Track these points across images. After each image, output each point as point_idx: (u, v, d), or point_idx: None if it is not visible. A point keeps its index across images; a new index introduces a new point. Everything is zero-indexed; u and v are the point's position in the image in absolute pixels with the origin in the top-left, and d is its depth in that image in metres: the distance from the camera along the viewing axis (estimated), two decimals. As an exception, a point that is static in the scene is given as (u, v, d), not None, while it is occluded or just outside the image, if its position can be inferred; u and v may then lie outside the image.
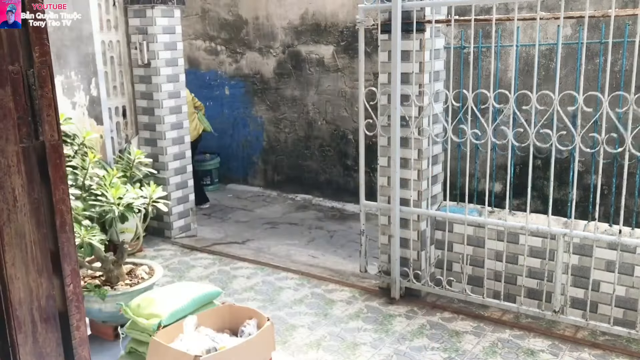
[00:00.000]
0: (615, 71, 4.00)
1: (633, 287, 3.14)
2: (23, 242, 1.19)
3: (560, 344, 3.13)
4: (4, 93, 1.15)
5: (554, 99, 3.02)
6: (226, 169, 6.81)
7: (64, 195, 1.26)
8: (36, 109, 1.20)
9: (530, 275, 3.46)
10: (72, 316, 1.27)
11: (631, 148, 2.86)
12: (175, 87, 4.75)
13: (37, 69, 1.19)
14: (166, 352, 2.49)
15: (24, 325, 1.20)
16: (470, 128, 3.32)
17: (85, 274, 3.38)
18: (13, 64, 1.17)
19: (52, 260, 1.25)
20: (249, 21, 6.30)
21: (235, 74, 6.53)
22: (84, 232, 2.97)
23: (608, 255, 3.18)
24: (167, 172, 4.76)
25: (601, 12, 3.11)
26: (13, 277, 1.17)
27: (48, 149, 1.22)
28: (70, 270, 1.27)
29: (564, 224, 3.30)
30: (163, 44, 4.60)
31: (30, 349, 1.21)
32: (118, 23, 4.61)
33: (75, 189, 3.19)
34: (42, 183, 1.23)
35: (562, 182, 4.38)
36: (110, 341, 3.19)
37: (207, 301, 2.94)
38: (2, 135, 1.15)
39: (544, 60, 4.43)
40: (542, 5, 3.20)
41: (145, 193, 3.26)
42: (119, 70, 4.66)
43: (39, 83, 1.20)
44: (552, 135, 3.06)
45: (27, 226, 1.19)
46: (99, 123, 4.49)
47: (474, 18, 3.22)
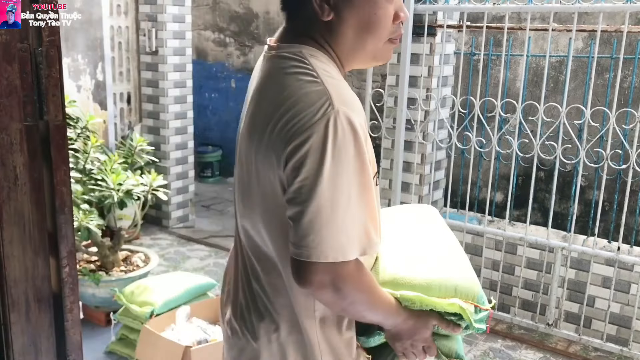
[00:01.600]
0: (625, 87, 3.99)
1: (628, 304, 3.14)
2: (22, 221, 1.18)
3: (552, 357, 3.13)
4: (11, 70, 1.14)
5: (561, 111, 3.01)
6: (228, 162, 6.80)
7: (65, 177, 1.25)
8: (42, 89, 1.19)
9: (525, 287, 3.45)
10: (66, 298, 1.26)
11: (635, 165, 2.85)
12: (182, 76, 4.73)
13: (46, 48, 1.19)
14: (157, 341, 2.49)
15: (18, 304, 1.19)
16: (475, 136, 3.31)
17: (81, 258, 3.37)
18: (22, 41, 1.16)
19: (50, 241, 1.24)
20: (259, 15, 6.28)
21: (243, 67, 6.52)
22: (82, 216, 2.97)
23: (605, 272, 3.17)
24: (168, 161, 4.75)
25: (614, 27, 3.10)
26: (10, 255, 1.17)
27: (52, 129, 1.21)
28: (67, 252, 1.26)
29: (563, 238, 3.29)
30: (172, 33, 4.59)
31: (22, 328, 1.21)
32: (128, 9, 4.60)
33: (76, 172, 3.18)
34: (44, 163, 1.22)
35: (564, 196, 4.37)
36: (102, 327, 3.18)
37: (202, 292, 2.93)
38: (7, 112, 1.14)
39: (554, 72, 4.42)
40: (554, 16, 3.19)
41: (146, 181, 3.26)
42: (126, 56, 4.65)
43: (47, 62, 1.19)
44: (557, 148, 3.05)
45: (27, 205, 1.19)
46: (103, 108, 4.48)
47: (486, 25, 3.21)
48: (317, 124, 0.97)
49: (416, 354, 1.20)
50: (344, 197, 0.98)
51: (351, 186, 0.99)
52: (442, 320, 1.17)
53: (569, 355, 3.14)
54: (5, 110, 1.14)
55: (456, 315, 1.18)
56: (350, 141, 0.98)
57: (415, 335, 1.17)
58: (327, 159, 0.96)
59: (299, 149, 0.97)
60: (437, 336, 1.23)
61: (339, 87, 1.03)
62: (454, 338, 1.25)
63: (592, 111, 2.97)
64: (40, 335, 1.25)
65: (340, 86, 1.03)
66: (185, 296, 2.84)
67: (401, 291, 1.17)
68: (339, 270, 1.01)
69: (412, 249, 1.27)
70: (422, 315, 1.16)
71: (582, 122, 3.01)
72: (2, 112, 1.14)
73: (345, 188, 0.98)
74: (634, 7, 2.76)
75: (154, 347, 2.50)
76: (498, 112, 3.18)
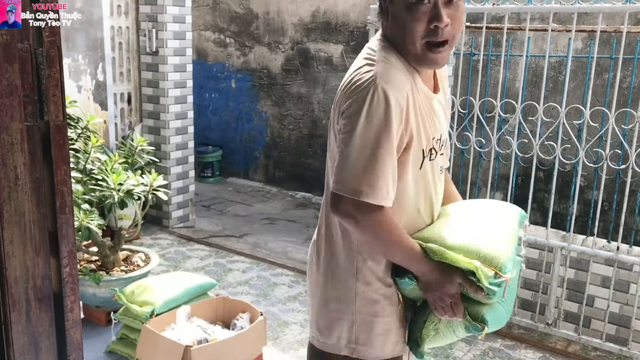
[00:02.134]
0: (624, 87, 4.00)
1: (627, 304, 3.14)
2: (22, 221, 1.19)
3: (552, 356, 3.13)
4: (12, 70, 1.14)
5: (560, 111, 3.01)
6: (228, 162, 6.81)
7: (66, 177, 1.26)
8: (43, 89, 1.19)
9: (525, 287, 3.45)
10: (66, 297, 1.27)
11: (635, 165, 2.86)
12: (182, 76, 4.74)
13: (46, 48, 1.19)
14: (157, 341, 2.49)
15: (18, 304, 1.20)
16: (474, 136, 3.32)
17: (82, 258, 3.38)
18: (23, 42, 1.17)
19: (50, 241, 1.24)
20: (259, 15, 6.29)
21: (243, 67, 6.52)
22: (83, 216, 2.97)
23: (604, 271, 3.17)
24: (168, 161, 4.76)
25: (613, 28, 3.11)
26: (10, 254, 1.17)
27: (52, 129, 1.22)
28: (68, 252, 1.27)
29: (562, 237, 3.29)
30: (172, 33, 4.60)
31: (23, 328, 1.21)
32: (128, 9, 4.60)
33: (76, 172, 3.18)
34: (45, 163, 1.23)
35: (563, 196, 4.37)
36: (103, 326, 3.18)
37: (202, 292, 2.93)
38: (8, 112, 1.15)
39: (553, 72, 4.42)
40: (554, 17, 3.20)
41: (146, 181, 3.26)
42: (126, 56, 4.66)
43: (47, 63, 1.19)
44: (556, 148, 3.05)
45: (27, 205, 1.19)
46: (103, 108, 4.49)
47: (486, 25, 3.21)
48: (361, 92, 1.27)
49: (445, 308, 1.37)
50: (367, 150, 1.26)
51: (374, 144, 1.26)
52: (465, 279, 1.33)
53: (569, 354, 3.14)
54: (6, 110, 1.15)
55: (476, 277, 1.31)
56: (382, 109, 1.26)
57: (442, 289, 1.35)
58: (362, 119, 1.26)
59: (347, 109, 1.29)
60: (466, 298, 1.37)
61: (389, 69, 1.31)
62: (483, 304, 1.38)
63: (591, 111, 2.97)
64: (40, 334, 1.26)
65: (390, 68, 1.31)
66: (185, 296, 2.84)
67: (428, 243, 1.37)
68: (360, 207, 1.28)
69: (466, 224, 1.47)
70: (447, 270, 1.34)
71: (581, 122, 3.02)
72: (3, 112, 1.14)
73: (369, 144, 1.26)
74: (633, 7, 2.76)
75: (154, 347, 2.50)
76: (497, 112, 3.18)
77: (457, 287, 1.35)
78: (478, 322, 1.37)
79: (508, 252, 1.37)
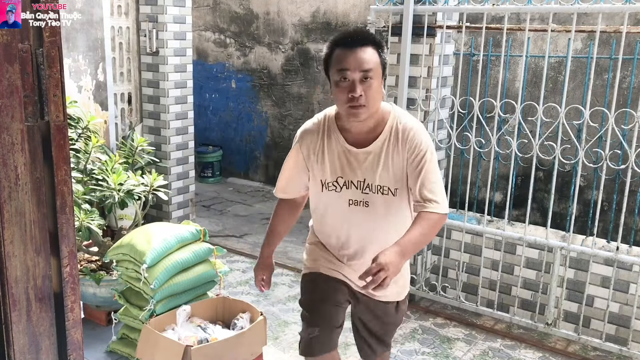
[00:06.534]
0: (624, 88, 4.00)
1: (627, 304, 3.14)
2: (23, 221, 1.19)
3: (551, 356, 3.13)
4: (12, 70, 1.15)
5: (560, 111, 3.02)
6: (228, 162, 6.81)
7: (66, 177, 1.26)
8: (43, 89, 1.20)
9: (525, 287, 3.46)
10: (66, 297, 1.27)
11: (634, 165, 2.86)
12: (182, 77, 4.74)
13: (47, 48, 1.20)
14: (157, 340, 2.50)
15: (19, 304, 1.20)
16: (474, 136, 3.32)
17: (82, 258, 3.38)
18: (23, 42, 1.17)
19: (51, 241, 1.25)
20: (259, 16, 6.29)
21: (243, 67, 6.53)
22: (83, 216, 2.98)
23: (604, 271, 3.18)
24: (169, 161, 4.76)
25: (613, 28, 3.11)
26: (11, 254, 1.17)
27: (53, 129, 1.22)
28: (68, 252, 1.27)
29: (562, 238, 3.30)
30: (172, 33, 4.60)
31: (23, 328, 1.22)
32: (129, 9, 4.61)
33: (77, 172, 3.19)
34: (45, 163, 1.23)
35: (563, 196, 4.37)
36: (103, 326, 3.19)
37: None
38: (8, 113, 1.15)
39: (553, 72, 4.42)
40: (554, 17, 3.20)
41: (146, 181, 3.26)
42: (126, 56, 4.66)
43: (48, 63, 1.20)
44: (556, 148, 3.06)
45: (28, 205, 1.20)
46: (103, 109, 4.49)
47: (485, 26, 3.22)
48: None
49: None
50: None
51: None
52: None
53: (568, 354, 3.14)
54: (7, 110, 1.15)
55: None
56: (293, 146, 2.07)
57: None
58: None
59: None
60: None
61: (307, 123, 2.03)
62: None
63: (591, 111, 2.97)
64: (41, 334, 1.26)
65: (308, 123, 2.03)
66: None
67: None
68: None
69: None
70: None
71: (581, 123, 3.02)
72: (4, 113, 1.15)
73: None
74: (633, 7, 2.77)
75: (155, 347, 2.51)
76: (497, 113, 3.18)
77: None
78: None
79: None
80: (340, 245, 2.01)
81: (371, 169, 1.88)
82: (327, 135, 1.92)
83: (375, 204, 1.91)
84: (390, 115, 1.90)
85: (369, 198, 1.91)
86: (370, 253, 1.88)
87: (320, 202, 2.00)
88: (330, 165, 1.91)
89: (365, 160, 1.88)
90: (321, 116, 1.98)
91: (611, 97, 3.11)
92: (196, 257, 2.86)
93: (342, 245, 2.01)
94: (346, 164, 1.90)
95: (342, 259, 2.03)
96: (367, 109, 1.79)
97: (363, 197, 1.91)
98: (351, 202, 1.92)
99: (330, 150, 1.91)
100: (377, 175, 1.88)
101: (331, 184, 1.93)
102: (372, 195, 1.90)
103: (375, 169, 1.88)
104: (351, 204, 1.92)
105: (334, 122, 1.93)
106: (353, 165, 1.90)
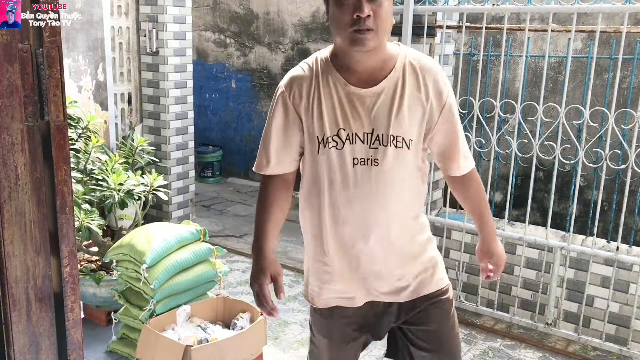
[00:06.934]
0: (623, 88, 4.00)
1: (627, 304, 3.14)
2: (23, 221, 1.19)
3: (551, 356, 3.13)
4: (12, 70, 1.15)
5: (560, 111, 3.02)
6: (228, 162, 6.81)
7: (66, 177, 1.26)
8: (43, 89, 1.20)
9: (525, 287, 3.46)
10: (66, 297, 1.27)
11: (634, 165, 2.86)
12: (182, 77, 4.74)
13: (47, 48, 1.20)
14: (157, 340, 2.50)
15: (19, 304, 1.20)
16: (474, 136, 3.32)
17: (82, 258, 3.38)
18: (23, 42, 1.17)
19: (51, 241, 1.25)
20: (259, 15, 6.29)
21: (243, 67, 6.53)
22: (83, 216, 2.98)
23: (604, 271, 3.18)
24: (169, 161, 4.76)
25: (613, 28, 3.11)
26: (11, 254, 1.17)
27: (53, 129, 1.22)
28: (68, 252, 1.27)
29: (562, 238, 3.30)
30: (172, 33, 4.60)
31: (23, 328, 1.22)
32: (129, 9, 4.61)
33: (77, 172, 3.19)
34: (45, 163, 1.23)
35: (563, 196, 4.37)
36: (103, 326, 3.19)
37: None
38: (8, 113, 1.15)
39: (553, 72, 4.42)
40: (553, 17, 3.20)
41: (146, 181, 3.26)
42: (126, 56, 4.66)
43: (48, 63, 1.20)
44: (556, 148, 3.06)
45: (28, 205, 1.20)
46: (103, 109, 4.49)
47: (485, 26, 3.22)
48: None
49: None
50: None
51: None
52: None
53: (568, 354, 3.14)
54: (7, 110, 1.15)
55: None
56: (274, 101, 1.65)
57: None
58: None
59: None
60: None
61: (295, 68, 1.67)
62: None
63: (591, 111, 2.97)
64: (41, 334, 1.26)
65: (296, 67, 1.67)
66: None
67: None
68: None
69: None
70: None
71: (581, 123, 3.02)
72: (3, 113, 1.15)
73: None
74: (633, 7, 2.77)
75: (155, 347, 2.51)
76: (497, 113, 3.18)
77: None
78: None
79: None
80: (342, 224, 1.58)
81: (382, 114, 1.52)
82: (323, 79, 1.56)
83: (386, 161, 1.53)
84: (401, 52, 1.56)
85: (378, 154, 1.53)
86: (382, 230, 1.57)
87: (316, 168, 1.59)
88: (329, 116, 1.53)
89: (374, 104, 1.52)
90: (311, 60, 1.61)
91: (611, 97, 3.11)
92: (196, 257, 2.86)
93: (343, 223, 1.58)
94: (349, 112, 1.53)
95: (350, 251, 1.61)
96: (376, 34, 1.44)
97: (371, 153, 1.53)
98: (356, 161, 1.53)
99: (328, 96, 1.54)
100: (390, 122, 1.52)
101: (331, 139, 1.53)
102: (382, 149, 1.52)
103: (388, 115, 1.52)
104: (356, 163, 1.53)
105: (329, 62, 1.56)
106: (358, 112, 1.53)
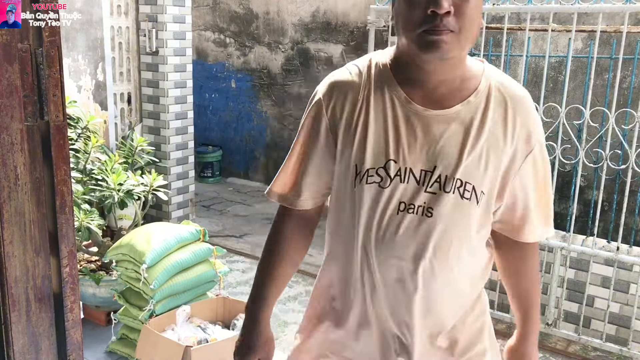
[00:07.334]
0: (624, 88, 4.00)
1: (627, 304, 3.14)
2: (22, 221, 1.19)
3: (552, 357, 3.13)
4: (11, 70, 1.14)
5: (560, 111, 3.01)
6: (228, 162, 6.81)
7: (66, 177, 1.26)
8: (43, 89, 1.19)
9: (525, 287, 3.45)
10: (66, 298, 1.27)
11: (635, 165, 2.86)
12: (182, 76, 4.74)
13: (46, 48, 1.19)
14: (157, 341, 2.49)
15: (19, 304, 1.19)
16: (474, 136, 3.31)
17: (82, 258, 3.38)
18: (22, 42, 1.17)
19: (50, 241, 1.24)
20: (259, 15, 6.29)
21: (243, 67, 6.52)
22: (83, 216, 2.97)
23: (604, 271, 3.17)
24: (168, 161, 4.76)
25: (613, 28, 3.11)
26: (10, 254, 1.17)
27: (52, 129, 1.22)
28: (68, 252, 1.27)
29: (562, 238, 3.29)
30: (172, 33, 4.60)
31: (23, 328, 1.21)
32: (128, 9, 4.60)
33: (76, 172, 3.18)
34: (45, 163, 1.23)
35: (563, 196, 4.37)
36: (103, 326, 3.18)
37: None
38: (8, 113, 1.15)
39: (553, 72, 4.42)
40: (554, 17, 3.20)
41: (146, 181, 3.26)
42: (126, 56, 4.66)
43: (47, 63, 1.19)
44: (556, 148, 3.05)
45: (27, 205, 1.19)
46: (103, 108, 4.48)
47: (485, 26, 3.21)
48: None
49: None
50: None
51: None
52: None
53: (569, 354, 3.14)
54: (6, 110, 1.15)
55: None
56: (307, 111, 1.23)
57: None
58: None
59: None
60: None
61: (340, 69, 1.20)
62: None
63: (591, 111, 2.97)
64: (40, 334, 1.26)
65: (341, 69, 1.20)
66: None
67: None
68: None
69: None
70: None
71: (581, 123, 3.02)
72: (3, 112, 1.14)
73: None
74: (633, 7, 2.76)
75: (154, 347, 2.50)
76: (497, 112, 3.18)
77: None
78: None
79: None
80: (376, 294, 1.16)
81: (451, 149, 1.08)
82: (376, 90, 1.12)
83: (442, 214, 1.08)
84: (485, 72, 1.15)
85: (434, 202, 1.08)
86: (427, 321, 1.16)
87: (346, 209, 1.16)
88: (376, 141, 1.10)
89: (443, 133, 1.08)
90: (364, 62, 1.16)
91: (611, 97, 3.11)
92: (196, 257, 2.85)
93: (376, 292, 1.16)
94: (405, 139, 1.09)
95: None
96: (458, 39, 1.02)
97: (426, 199, 1.08)
98: (404, 206, 1.09)
99: (380, 114, 1.10)
100: (461, 161, 1.08)
101: (375, 172, 1.09)
102: (441, 197, 1.08)
103: (459, 151, 1.08)
104: (403, 209, 1.09)
105: (389, 69, 1.12)
106: (418, 140, 1.09)
